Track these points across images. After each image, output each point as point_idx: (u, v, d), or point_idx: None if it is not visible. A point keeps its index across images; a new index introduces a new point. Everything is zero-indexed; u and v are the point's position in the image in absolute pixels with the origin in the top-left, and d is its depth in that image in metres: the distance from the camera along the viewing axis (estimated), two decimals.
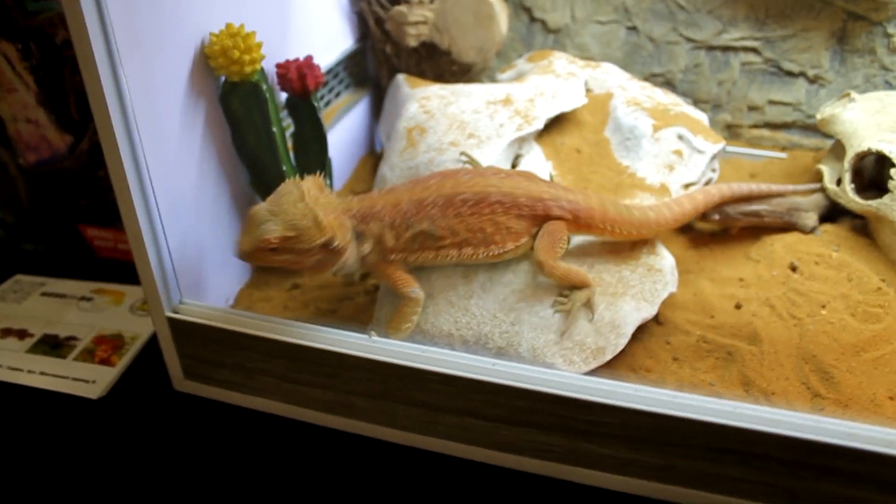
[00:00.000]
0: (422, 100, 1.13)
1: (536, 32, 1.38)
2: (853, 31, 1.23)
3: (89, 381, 0.97)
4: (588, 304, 0.84)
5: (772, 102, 1.32)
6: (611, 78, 1.23)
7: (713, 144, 1.12)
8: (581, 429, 0.76)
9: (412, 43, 1.23)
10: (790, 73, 1.29)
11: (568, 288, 0.85)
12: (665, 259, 0.96)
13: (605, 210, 0.89)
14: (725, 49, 1.30)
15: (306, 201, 0.79)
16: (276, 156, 0.93)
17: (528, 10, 1.35)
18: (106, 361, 1.00)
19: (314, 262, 0.80)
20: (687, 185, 1.08)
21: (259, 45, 0.85)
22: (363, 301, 0.97)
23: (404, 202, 0.83)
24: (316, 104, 0.99)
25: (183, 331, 0.87)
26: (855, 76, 1.26)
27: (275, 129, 0.90)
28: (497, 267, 0.88)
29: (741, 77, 1.32)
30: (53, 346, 1.04)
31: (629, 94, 1.20)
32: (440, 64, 1.28)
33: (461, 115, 1.09)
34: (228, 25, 0.85)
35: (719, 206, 1.06)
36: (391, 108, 1.25)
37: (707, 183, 1.12)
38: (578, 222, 0.87)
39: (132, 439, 0.88)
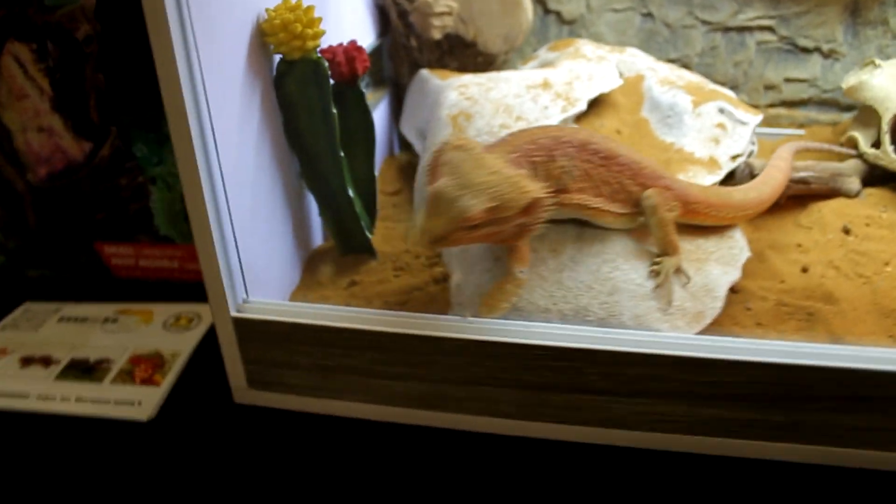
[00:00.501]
0: (459, 87, 1.09)
1: (551, 24, 1.37)
2: (865, 4, 1.25)
3: (134, 402, 0.88)
4: (680, 270, 0.81)
5: (788, 80, 1.33)
6: (638, 61, 1.22)
7: (754, 116, 1.11)
8: (703, 393, 0.72)
9: (437, 35, 1.20)
10: (805, 50, 1.30)
11: (658, 253, 0.82)
12: (734, 231, 0.94)
13: (708, 197, 0.88)
14: (741, 29, 1.31)
15: (490, 160, 0.72)
16: (333, 141, 0.87)
17: (541, 2, 1.34)
18: (149, 381, 0.91)
19: (516, 227, 0.72)
20: (734, 157, 1.07)
21: (319, 20, 0.80)
22: (435, 290, 0.91)
23: (540, 137, 0.78)
24: (363, 90, 0.94)
25: (250, 332, 0.80)
26: (868, 48, 1.28)
27: (334, 111, 0.85)
28: (583, 239, 0.84)
29: (757, 57, 1.32)
30: (85, 370, 0.94)
31: (660, 74, 1.19)
32: (464, 56, 1.25)
33: (504, 99, 1.06)
34: (285, 0, 0.80)
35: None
36: (419, 102, 1.21)
37: (750, 155, 1.11)
38: (685, 209, 0.85)
39: (194, 461, 0.79)
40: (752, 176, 1.06)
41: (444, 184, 0.70)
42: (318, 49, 0.83)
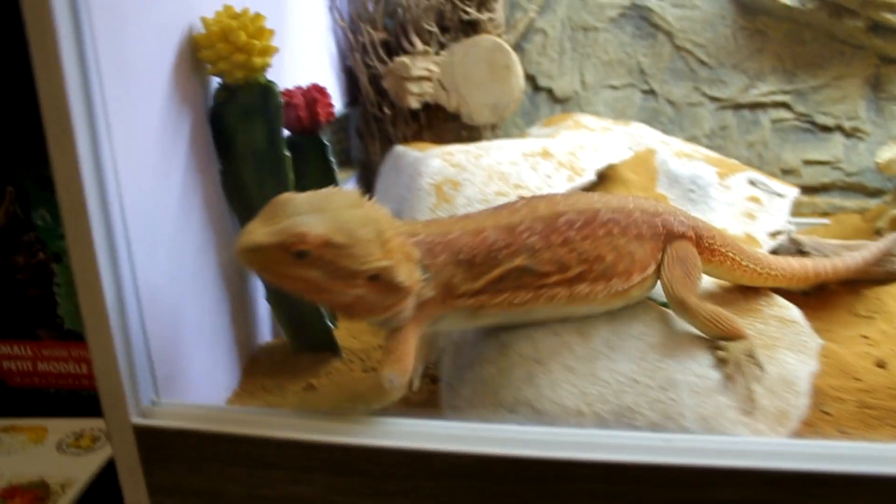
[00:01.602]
0: (444, 155, 0.92)
1: (541, 103, 1.23)
2: (888, 76, 1.14)
3: None
4: (752, 357, 0.60)
5: (807, 162, 1.19)
6: (647, 135, 1.07)
7: (790, 188, 0.95)
8: None
9: (414, 104, 1.04)
10: (825, 128, 1.17)
11: (717, 336, 0.61)
12: (791, 310, 0.75)
13: (725, 235, 0.70)
14: (754, 106, 1.18)
15: (369, 207, 0.56)
16: (284, 190, 0.67)
17: (531, 78, 1.21)
18: None
19: (354, 296, 0.54)
20: (774, 234, 0.90)
21: (271, 33, 0.63)
22: (420, 396, 0.69)
23: (489, 229, 0.59)
24: (326, 143, 0.76)
25: (159, 446, 0.56)
26: (894, 125, 1.15)
27: (287, 153, 0.66)
28: (618, 317, 0.63)
29: (772, 136, 1.19)
30: None
31: (674, 147, 1.03)
32: (445, 130, 1.09)
33: (498, 166, 0.89)
34: (227, 7, 0.63)
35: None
36: (393, 181, 1.03)
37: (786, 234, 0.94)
38: (700, 244, 0.68)
39: None
40: (801, 253, 0.89)
41: (296, 196, 0.55)
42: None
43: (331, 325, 0.74)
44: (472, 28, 1.06)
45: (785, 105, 1.18)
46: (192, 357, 0.66)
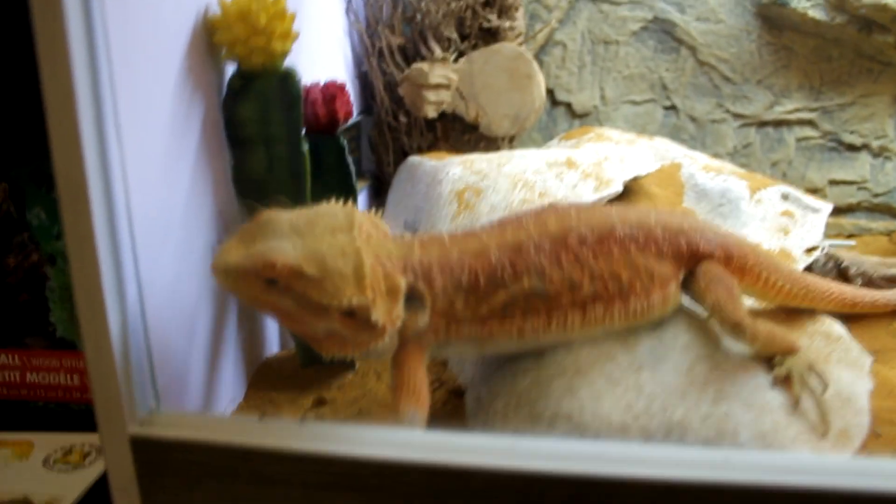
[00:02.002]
0: (465, 162, 0.88)
1: (559, 118, 1.19)
2: None
3: None
4: (814, 371, 0.55)
5: (833, 182, 1.16)
6: (671, 149, 1.03)
7: (824, 203, 0.91)
8: None
9: (431, 113, 1.00)
10: (852, 147, 1.14)
11: (773, 354, 0.56)
12: (835, 325, 0.71)
13: (758, 252, 0.65)
14: (778, 124, 1.14)
15: (354, 234, 0.51)
16: (302, 192, 0.63)
17: (549, 92, 1.17)
18: None
19: (325, 330, 0.52)
20: (809, 250, 0.86)
21: (292, 17, 0.59)
22: (444, 409, 0.63)
23: (492, 250, 0.55)
24: (344, 143, 0.72)
25: (158, 460, 0.51)
26: None
27: (306, 148, 0.61)
28: (663, 326, 0.58)
29: (797, 155, 1.15)
30: None
31: (700, 162, 0.99)
32: (462, 142, 1.04)
33: (523, 174, 0.85)
34: None
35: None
36: (407, 192, 0.98)
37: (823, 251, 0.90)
38: (730, 264, 0.62)
39: None
40: (839, 269, 0.84)
41: (279, 215, 0.52)
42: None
43: None
44: (492, 37, 1.03)
45: (811, 123, 1.14)
46: (195, 365, 0.61)
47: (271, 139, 0.61)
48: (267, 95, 0.60)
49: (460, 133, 1.05)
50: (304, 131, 0.68)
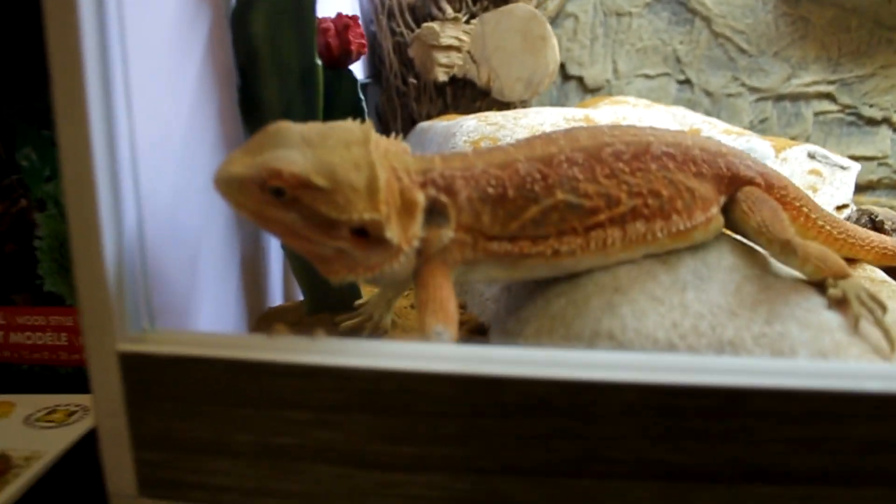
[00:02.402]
0: (479, 117, 0.84)
1: (570, 92, 1.16)
2: None
3: None
4: (870, 295, 0.51)
5: (853, 157, 1.11)
6: (689, 116, 1.00)
7: (852, 162, 0.87)
8: None
9: (441, 76, 0.96)
10: (871, 121, 1.10)
11: (824, 278, 0.52)
12: (877, 271, 0.68)
13: (799, 190, 0.62)
14: (796, 97, 1.11)
15: (370, 148, 0.47)
16: (314, 116, 0.58)
17: (561, 67, 1.14)
18: None
19: (334, 250, 0.47)
20: (840, 207, 0.82)
21: None
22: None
23: (521, 161, 0.51)
24: (356, 78, 0.67)
25: (149, 379, 0.45)
26: None
27: (319, 62, 0.57)
28: (701, 248, 0.54)
29: (815, 129, 1.12)
30: None
31: (719, 127, 0.96)
32: (472, 109, 1.00)
33: (540, 127, 0.81)
34: None
35: None
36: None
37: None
38: (770, 193, 0.59)
39: None
40: (874, 224, 0.80)
41: (289, 126, 0.48)
42: None
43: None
44: (503, 0, 0.99)
45: (829, 96, 1.11)
46: (194, 303, 0.55)
47: (282, 58, 0.57)
48: (279, 7, 0.56)
49: (471, 100, 1.02)
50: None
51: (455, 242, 0.49)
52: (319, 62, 0.58)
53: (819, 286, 0.52)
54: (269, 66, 0.58)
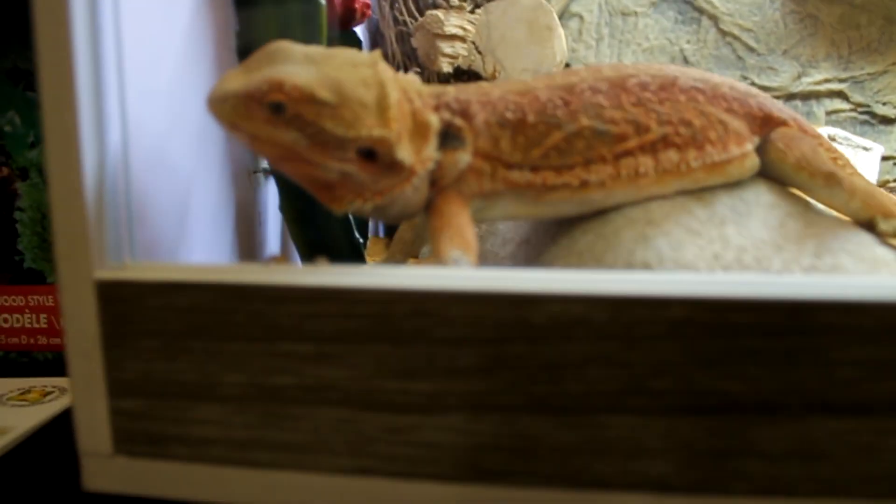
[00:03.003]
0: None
1: None
2: None
3: None
4: None
5: None
6: None
7: (876, 143, 0.84)
8: None
9: (445, 67, 0.93)
10: (885, 119, 1.07)
11: (871, 216, 0.48)
12: None
13: (832, 144, 0.58)
14: (807, 96, 1.08)
15: (379, 69, 0.43)
16: None
17: (566, 67, 1.11)
18: None
19: (338, 173, 0.43)
20: None
21: None
22: None
23: (541, 89, 0.47)
24: (360, 38, 0.64)
25: (127, 312, 0.40)
26: None
27: (322, 3, 0.54)
28: (738, 185, 0.50)
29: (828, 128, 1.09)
30: None
31: None
32: None
33: None
34: None
35: None
36: None
37: None
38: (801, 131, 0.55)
39: None
40: None
41: (291, 45, 0.44)
42: None
43: (360, 239, 0.59)
44: None
45: (841, 94, 1.08)
46: (181, 237, 0.51)
47: (287, 19, 0.54)
48: None
49: None
50: None
51: (472, 171, 0.45)
52: (323, 2, 0.54)
53: (868, 224, 0.47)
54: (269, 10, 0.55)
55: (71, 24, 0.39)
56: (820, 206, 0.49)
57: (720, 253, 0.43)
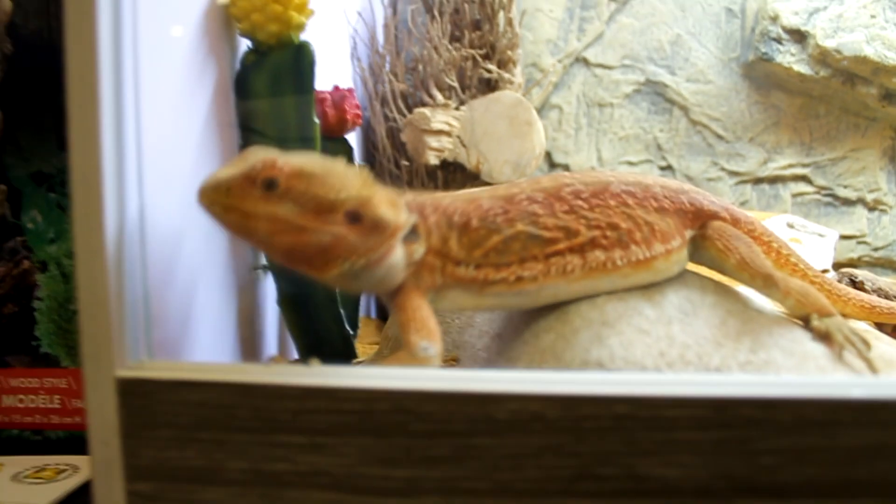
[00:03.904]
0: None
1: None
2: None
3: None
4: (854, 332, 0.52)
5: None
6: None
7: (830, 230, 0.91)
8: None
9: (432, 160, 1.01)
10: (847, 201, 1.15)
11: (805, 314, 0.54)
12: (859, 322, 0.70)
13: (768, 229, 0.64)
14: (774, 180, 1.16)
15: (351, 166, 0.51)
16: None
17: (547, 155, 1.20)
18: None
19: (332, 235, 0.48)
20: (822, 272, 0.84)
21: None
22: None
23: (484, 199, 0.55)
24: (352, 146, 0.72)
25: (145, 406, 0.46)
26: None
27: (316, 120, 0.61)
28: (685, 284, 0.56)
29: (794, 210, 1.16)
30: None
31: None
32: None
33: None
34: None
35: None
36: None
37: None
38: (738, 227, 0.61)
39: None
40: (854, 284, 0.82)
41: (269, 148, 0.50)
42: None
43: (350, 331, 0.65)
44: (490, 88, 1.06)
45: (805, 178, 1.16)
46: (189, 337, 0.56)
47: (282, 115, 0.61)
48: (280, 69, 0.60)
49: (461, 182, 1.06)
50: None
51: (425, 266, 0.52)
52: (317, 121, 0.61)
53: (804, 321, 0.53)
54: (269, 124, 0.62)
55: (102, 154, 0.46)
56: (759, 302, 0.55)
57: (665, 350, 0.48)
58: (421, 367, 0.48)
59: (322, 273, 0.50)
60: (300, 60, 0.60)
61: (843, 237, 1.16)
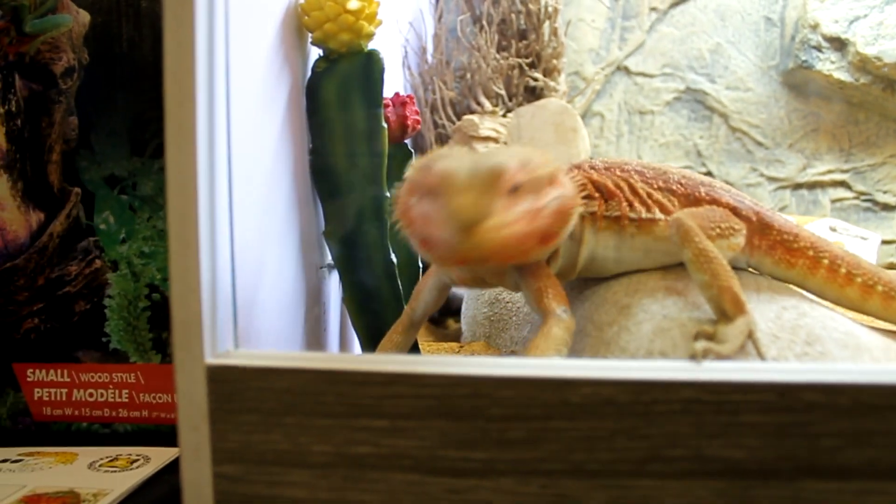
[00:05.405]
0: None
1: None
2: None
3: None
4: (752, 341, 0.51)
5: None
6: None
7: (873, 233, 0.92)
8: None
9: None
10: (887, 206, 1.16)
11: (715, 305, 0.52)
12: None
13: (813, 235, 0.61)
14: (813, 186, 1.17)
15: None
16: (378, 177, 0.64)
17: None
18: None
19: (553, 211, 0.51)
20: None
21: (378, 4, 0.63)
22: None
23: (632, 165, 0.63)
24: (412, 151, 0.75)
25: (233, 391, 0.49)
26: None
27: (384, 125, 0.64)
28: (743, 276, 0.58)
29: (833, 216, 1.17)
30: None
31: None
32: None
33: None
34: None
35: None
36: None
37: None
38: (767, 235, 0.59)
39: None
40: None
41: (454, 159, 0.48)
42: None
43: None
44: (536, 97, 1.08)
45: (844, 184, 1.17)
46: (267, 333, 0.59)
47: (351, 120, 0.64)
48: (350, 76, 0.63)
49: None
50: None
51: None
52: (385, 125, 0.64)
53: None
54: (338, 129, 0.65)
55: (197, 160, 0.49)
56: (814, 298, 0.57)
57: None
58: (566, 333, 0.51)
59: (549, 244, 0.52)
60: (370, 68, 0.63)
61: (884, 242, 1.17)
